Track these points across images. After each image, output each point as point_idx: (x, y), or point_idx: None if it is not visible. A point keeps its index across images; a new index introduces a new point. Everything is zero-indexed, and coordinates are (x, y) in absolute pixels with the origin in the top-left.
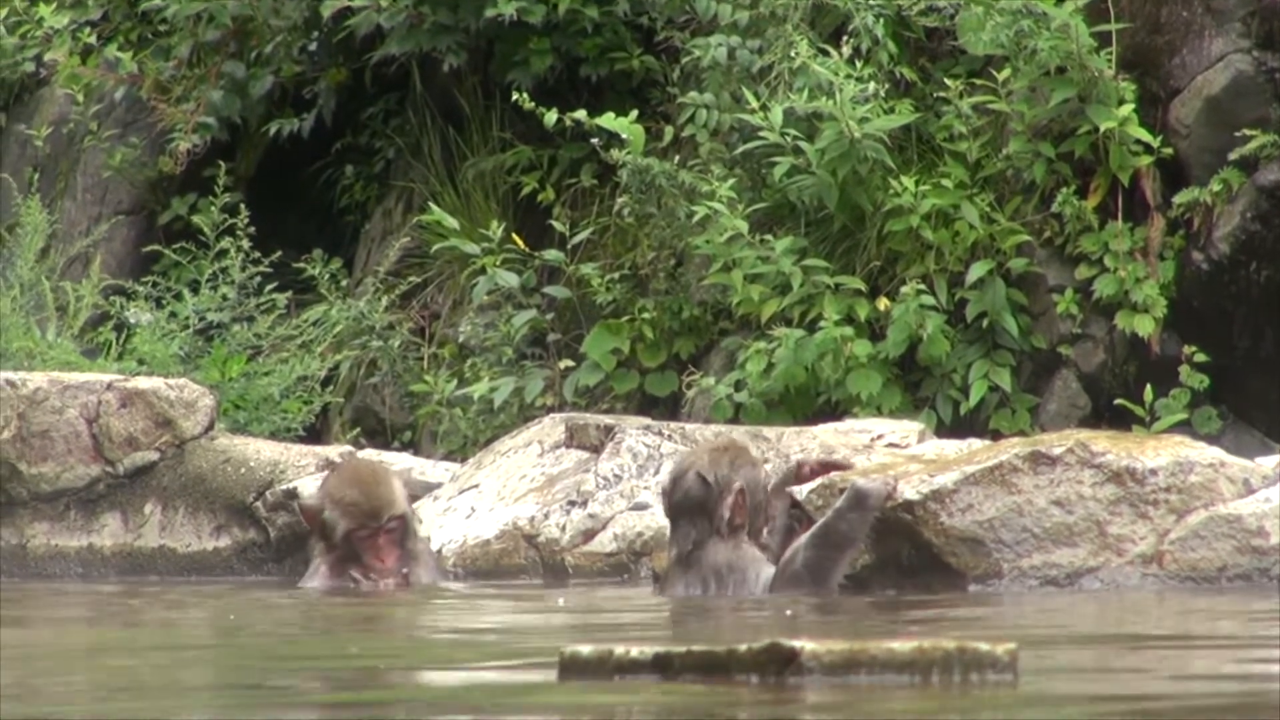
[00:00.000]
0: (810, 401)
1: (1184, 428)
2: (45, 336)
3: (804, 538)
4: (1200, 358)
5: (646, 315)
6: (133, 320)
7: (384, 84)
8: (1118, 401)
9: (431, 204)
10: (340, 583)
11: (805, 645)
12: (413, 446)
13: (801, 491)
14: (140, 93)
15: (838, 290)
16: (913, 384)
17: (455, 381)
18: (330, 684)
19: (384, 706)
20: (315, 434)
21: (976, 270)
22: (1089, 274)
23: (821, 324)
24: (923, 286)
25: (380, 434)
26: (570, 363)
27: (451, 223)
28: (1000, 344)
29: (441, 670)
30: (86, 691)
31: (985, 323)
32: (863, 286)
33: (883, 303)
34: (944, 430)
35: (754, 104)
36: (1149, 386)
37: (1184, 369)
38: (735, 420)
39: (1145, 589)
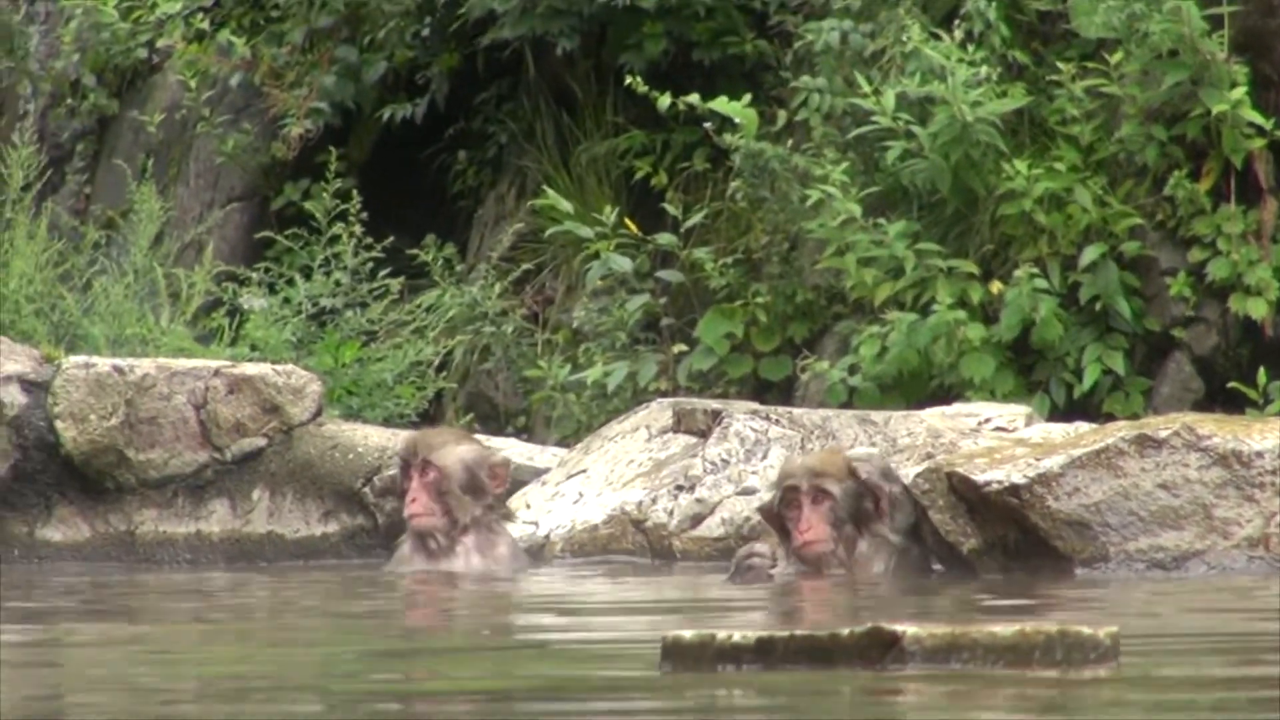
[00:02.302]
0: (923, 385)
1: None
2: (159, 323)
3: None
4: None
5: (760, 299)
6: (248, 305)
7: (497, 68)
8: (1231, 385)
9: (546, 187)
10: (423, 565)
11: (907, 629)
12: (526, 432)
13: (908, 476)
14: (254, 79)
15: (951, 274)
16: (1026, 367)
17: (569, 366)
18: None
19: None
20: (429, 420)
21: (1089, 253)
22: (1202, 257)
23: (935, 307)
24: (1035, 270)
25: (494, 419)
26: (684, 347)
27: (566, 206)
28: (1113, 327)
29: (541, 661)
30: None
31: (1098, 306)
32: (976, 270)
33: (996, 286)
34: (1057, 414)
35: (866, 88)
36: (1262, 369)
37: None
38: (848, 404)
39: (1252, 572)
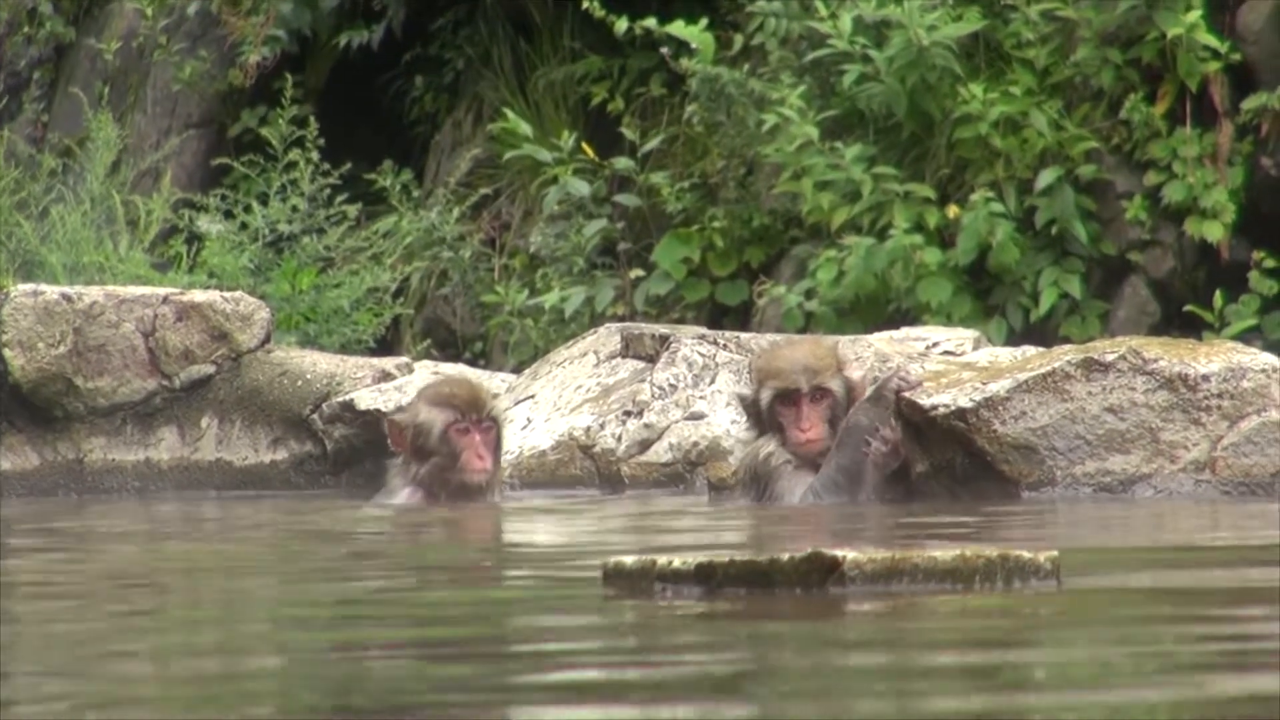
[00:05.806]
0: (881, 309)
1: (1255, 333)
2: (117, 250)
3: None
4: (1270, 263)
5: (717, 224)
6: (204, 228)
7: None
8: (1188, 308)
9: (505, 109)
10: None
11: (847, 554)
12: (484, 358)
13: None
14: (211, 6)
15: (907, 198)
16: (983, 291)
17: (526, 292)
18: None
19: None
20: (386, 345)
21: (1045, 177)
22: (1158, 180)
23: (891, 232)
24: (992, 194)
25: (451, 345)
26: (641, 272)
27: (525, 128)
28: (1070, 251)
29: (483, 582)
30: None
31: (1055, 230)
32: (932, 194)
33: (952, 210)
34: (1015, 337)
35: (823, 12)
36: (1218, 292)
37: (1254, 274)
38: (805, 329)
39: (1198, 495)
